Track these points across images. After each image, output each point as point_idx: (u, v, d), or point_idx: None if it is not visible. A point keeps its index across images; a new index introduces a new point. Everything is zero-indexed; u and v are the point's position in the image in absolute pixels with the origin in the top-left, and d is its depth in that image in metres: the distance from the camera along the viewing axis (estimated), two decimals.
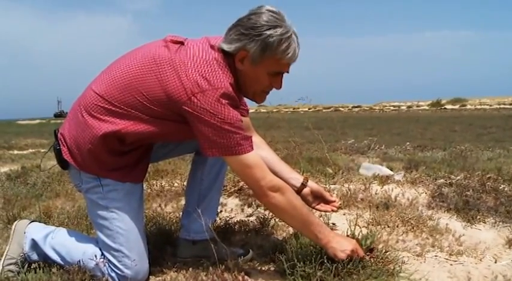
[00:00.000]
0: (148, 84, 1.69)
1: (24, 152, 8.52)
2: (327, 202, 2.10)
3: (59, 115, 67.73)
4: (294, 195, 1.79)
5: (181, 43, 1.76)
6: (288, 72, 1.79)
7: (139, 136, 1.75)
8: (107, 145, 1.76)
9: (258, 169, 1.71)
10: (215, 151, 1.68)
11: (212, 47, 1.73)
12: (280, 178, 2.06)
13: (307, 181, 2.08)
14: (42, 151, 8.15)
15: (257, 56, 1.68)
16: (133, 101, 1.70)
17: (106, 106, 1.73)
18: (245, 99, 2.04)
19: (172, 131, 1.77)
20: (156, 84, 1.68)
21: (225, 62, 1.70)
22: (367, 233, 1.93)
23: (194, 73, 1.64)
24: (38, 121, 43.93)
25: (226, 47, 1.70)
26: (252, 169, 1.71)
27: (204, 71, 1.64)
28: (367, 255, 1.83)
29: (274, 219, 2.54)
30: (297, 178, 2.07)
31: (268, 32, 1.64)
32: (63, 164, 1.86)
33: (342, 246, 1.75)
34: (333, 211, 2.11)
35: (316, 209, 2.12)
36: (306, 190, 2.06)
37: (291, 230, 2.41)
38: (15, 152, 8.52)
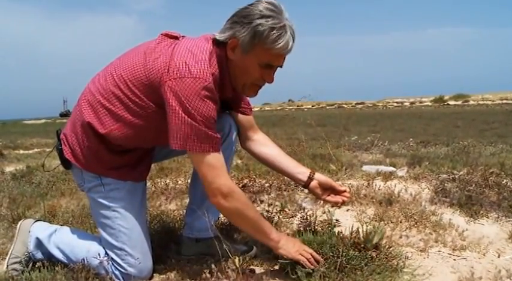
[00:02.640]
0: (135, 74, 1.70)
1: (30, 151, 8.53)
2: (337, 192, 2.07)
3: (65, 115, 67.37)
4: (244, 201, 1.75)
5: (176, 38, 1.78)
6: (281, 66, 1.76)
7: (125, 140, 1.78)
8: (105, 142, 1.78)
9: (211, 171, 1.69)
10: (175, 142, 1.65)
11: (206, 39, 1.73)
12: (287, 173, 2.07)
13: (314, 174, 2.06)
14: (48, 150, 8.17)
15: (247, 44, 1.67)
16: (121, 95, 1.72)
17: (97, 104, 1.77)
18: (248, 98, 2.04)
19: (155, 130, 1.77)
20: (141, 71, 1.69)
21: (215, 53, 1.70)
22: (375, 230, 1.92)
23: (177, 60, 1.63)
24: (43, 121, 44.00)
25: (219, 36, 1.70)
26: (205, 169, 1.69)
27: (188, 59, 1.64)
28: (373, 251, 1.84)
29: (278, 216, 2.55)
30: (303, 172, 2.06)
31: (259, 21, 1.63)
32: (65, 163, 1.88)
33: (286, 252, 1.77)
34: (343, 201, 2.07)
35: (327, 201, 2.11)
36: (313, 183, 2.05)
37: (294, 226, 2.41)
38: (21, 151, 8.54)
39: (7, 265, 1.92)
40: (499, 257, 2.05)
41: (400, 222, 2.40)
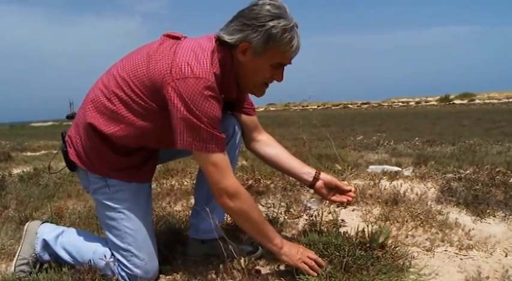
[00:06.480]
0: (138, 75, 1.70)
1: (37, 153, 8.60)
2: (343, 192, 2.06)
3: (71, 117, 67.33)
4: (249, 203, 1.76)
5: (178, 38, 1.78)
6: (290, 63, 1.77)
7: (129, 141, 1.79)
8: (108, 143, 1.79)
9: (217, 171, 1.69)
10: (180, 143, 1.65)
11: (209, 39, 1.72)
12: (292, 174, 2.07)
13: (319, 174, 2.05)
14: (54, 152, 8.21)
15: (260, 48, 1.66)
16: (124, 97, 1.72)
17: (100, 105, 1.77)
18: (250, 98, 2.04)
19: (158, 131, 1.76)
20: (144, 73, 1.69)
21: (217, 53, 1.69)
22: (381, 229, 1.92)
23: (179, 60, 1.63)
24: (50, 123, 44.19)
25: (228, 38, 1.68)
26: (211, 169, 1.69)
27: (190, 59, 1.63)
28: (379, 251, 1.83)
29: (284, 216, 2.55)
30: (309, 173, 2.05)
31: (271, 23, 1.62)
32: (71, 165, 1.89)
33: (289, 259, 1.77)
34: (349, 201, 2.06)
35: (332, 201, 2.10)
36: (319, 183, 2.04)
37: (299, 227, 2.41)
38: (28, 153, 8.60)
39: (15, 267, 1.93)
40: (506, 256, 2.04)
41: (406, 222, 2.40)
